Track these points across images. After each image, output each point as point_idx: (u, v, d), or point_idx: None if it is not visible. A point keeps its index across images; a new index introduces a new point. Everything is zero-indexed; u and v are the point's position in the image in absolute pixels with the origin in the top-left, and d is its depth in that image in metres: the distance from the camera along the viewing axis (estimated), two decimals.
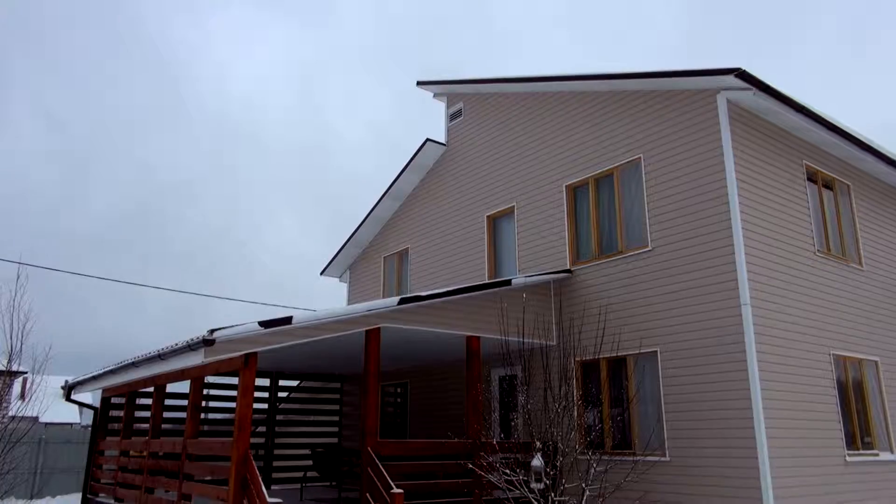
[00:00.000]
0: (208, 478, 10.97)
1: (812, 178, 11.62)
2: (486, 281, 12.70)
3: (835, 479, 9.81)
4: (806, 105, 10.45)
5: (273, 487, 15.29)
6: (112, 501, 13.68)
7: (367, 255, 18.19)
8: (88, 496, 15.42)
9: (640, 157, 11.35)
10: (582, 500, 9.36)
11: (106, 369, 12.90)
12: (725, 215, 9.85)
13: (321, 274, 19.08)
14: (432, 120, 16.70)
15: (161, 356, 9.87)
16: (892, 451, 11.24)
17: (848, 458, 10.18)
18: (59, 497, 20.72)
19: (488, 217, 14.33)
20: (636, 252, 11.07)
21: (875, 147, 11.90)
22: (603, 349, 10.58)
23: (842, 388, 10.68)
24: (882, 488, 10.65)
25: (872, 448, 10.93)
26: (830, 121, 10.92)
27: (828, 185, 12.00)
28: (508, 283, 11.35)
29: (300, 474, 15.00)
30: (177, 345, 9.31)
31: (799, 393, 9.74)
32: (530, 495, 9.37)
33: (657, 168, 11.02)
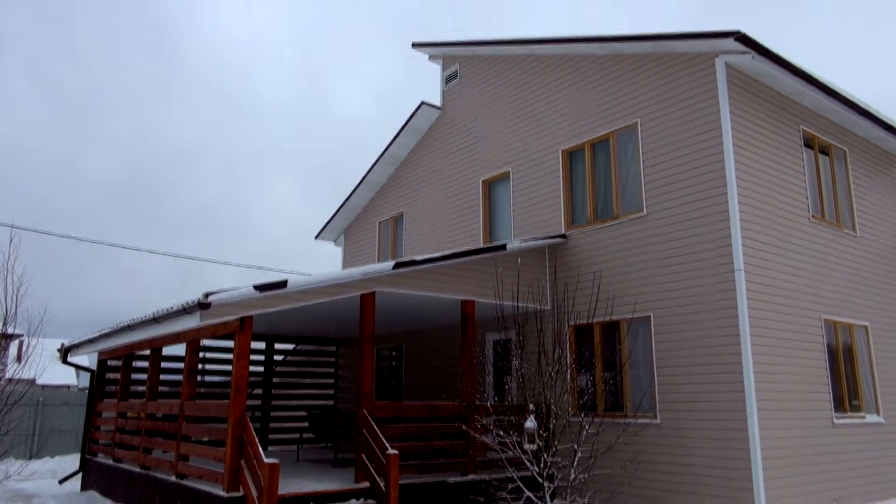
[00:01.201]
0: (205, 439, 11.11)
1: (809, 143, 11.59)
2: (481, 246, 12.72)
3: (822, 440, 10.00)
4: (805, 69, 10.36)
5: (270, 448, 15.50)
6: (111, 462, 13.87)
7: (362, 219, 18.15)
8: (87, 456, 15.62)
9: (636, 122, 11.27)
10: (574, 460, 9.53)
11: (102, 332, 12.95)
12: (721, 181, 9.84)
13: (316, 238, 19.07)
14: (432, 84, 16.48)
15: (156, 319, 9.90)
16: (878, 414, 11.44)
17: (835, 421, 10.36)
18: (57, 457, 20.99)
19: (483, 181, 14.28)
20: (631, 217, 11.07)
21: (873, 112, 11.84)
22: (597, 314, 10.66)
23: (832, 352, 10.82)
24: (867, 449, 10.87)
25: (860, 411, 11.12)
26: (829, 85, 10.85)
27: (824, 151, 11.97)
28: (503, 247, 11.36)
29: (296, 436, 15.20)
30: (172, 308, 9.33)
31: (789, 357, 9.86)
32: (523, 456, 9.53)
33: (654, 133, 10.95)
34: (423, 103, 15.69)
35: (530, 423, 9.48)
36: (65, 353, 15.69)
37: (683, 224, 10.26)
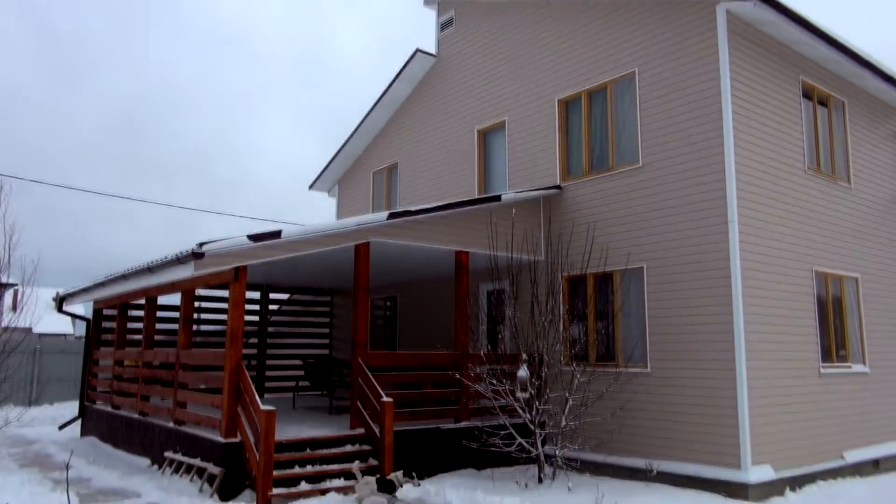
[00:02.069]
0: (202, 386, 11.26)
1: (808, 94, 11.47)
2: (476, 196, 12.67)
3: (808, 389, 10.20)
4: (807, 17, 10.18)
5: (266, 396, 15.74)
6: (109, 408, 14.08)
7: (356, 168, 18.02)
8: (86, 403, 15.84)
9: (634, 71, 11.11)
10: (565, 408, 9.72)
11: (96, 282, 12.97)
12: (718, 132, 9.76)
13: (310, 188, 18.95)
14: (430, 30, 16.07)
15: (151, 269, 9.90)
16: (864, 364, 11.65)
17: (822, 370, 10.56)
18: (56, 404, 21.28)
19: (479, 131, 14.14)
20: (627, 169, 11.01)
21: (873, 63, 11.69)
22: (590, 265, 10.71)
23: (821, 303, 10.94)
24: (852, 397, 11.11)
25: (846, 361, 11.32)
26: (831, 35, 10.67)
27: (823, 102, 11.86)
28: (498, 198, 11.33)
29: (292, 384, 15.42)
30: (166, 258, 9.33)
31: (779, 308, 9.98)
32: (516, 404, 9.71)
33: (652, 82, 10.81)
34: (417, 50, 15.40)
35: (523, 372, 9.63)
36: (60, 301, 15.75)
37: (678, 175, 10.22)
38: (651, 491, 9.17)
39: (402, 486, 8.19)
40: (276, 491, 8.48)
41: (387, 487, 8.12)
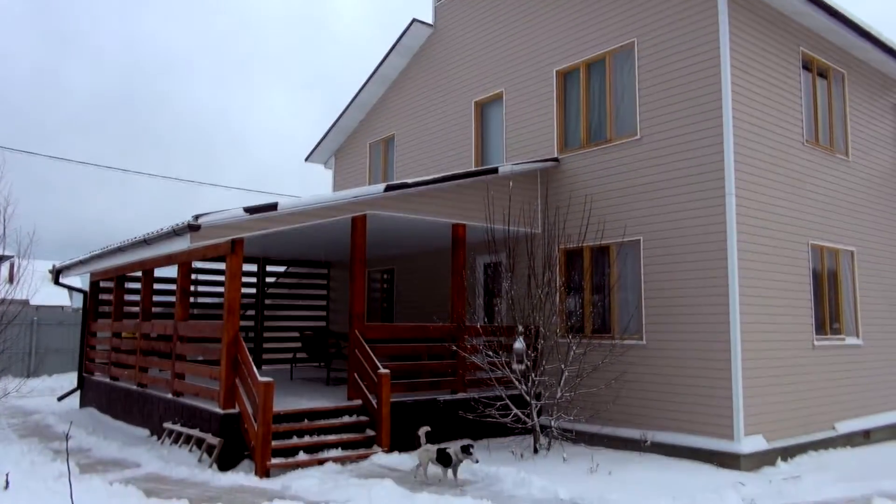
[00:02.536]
0: (200, 358, 11.32)
1: (807, 65, 11.38)
2: (473, 169, 12.62)
3: (801, 361, 10.29)
4: None
5: (264, 368, 15.83)
6: (108, 380, 14.16)
7: (353, 140, 17.90)
8: (84, 375, 15.93)
9: (633, 42, 10.99)
10: (561, 379, 9.81)
11: (93, 254, 12.95)
12: (717, 103, 9.70)
13: (306, 160, 18.84)
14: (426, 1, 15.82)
15: (147, 241, 9.88)
16: (857, 336, 11.75)
17: (816, 343, 10.64)
18: (55, 376, 21.40)
19: (476, 103, 14.03)
20: (625, 141, 10.96)
21: (874, 34, 11.59)
22: (587, 237, 10.72)
23: (816, 276, 10.99)
24: (845, 369, 11.22)
25: (840, 333, 11.41)
26: (830, 4, 10.55)
27: (822, 74, 11.77)
28: (495, 171, 11.29)
29: (290, 356, 15.51)
30: (162, 230, 9.31)
31: (775, 281, 10.02)
32: (512, 375, 9.79)
33: (651, 53, 10.70)
34: (414, 20, 15.20)
35: (519, 344, 9.70)
36: (56, 274, 15.74)
37: (676, 147, 10.18)
38: (645, 461, 9.29)
39: (459, 461, 8.01)
40: (274, 461, 8.58)
41: (443, 460, 8.03)
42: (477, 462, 7.98)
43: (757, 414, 9.29)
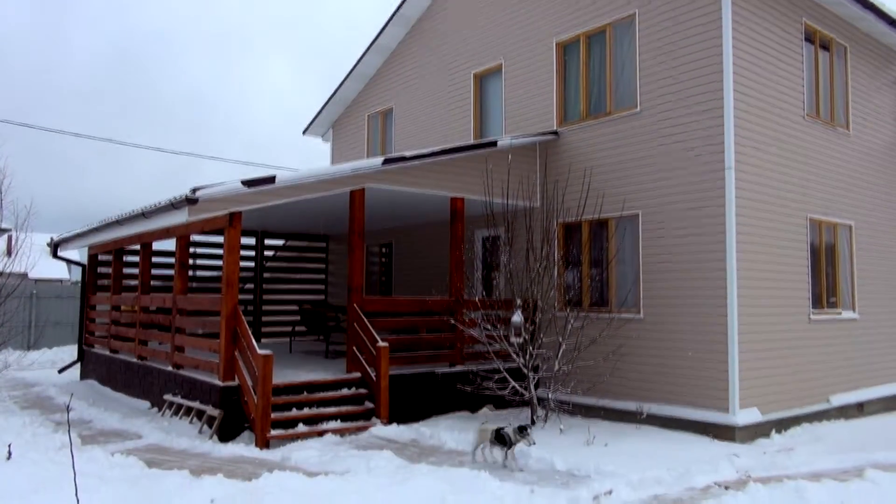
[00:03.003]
0: (199, 332, 11.36)
1: (810, 38, 11.26)
2: (472, 142, 12.55)
3: (798, 334, 10.35)
4: None
5: (263, 341, 15.92)
6: (108, 352, 14.23)
7: (351, 113, 17.76)
8: (84, 347, 16.00)
9: (634, 13, 10.86)
10: (558, 352, 9.87)
11: (91, 227, 12.93)
12: (718, 75, 9.62)
13: (304, 133, 18.71)
14: None
15: (145, 214, 9.86)
16: (853, 310, 11.80)
17: (812, 317, 10.70)
18: (55, 348, 21.49)
19: (475, 75, 13.89)
20: (625, 114, 10.89)
21: (877, 5, 11.46)
22: (586, 211, 10.70)
23: (814, 250, 11.00)
24: (840, 343, 11.30)
25: (836, 307, 11.46)
26: None
27: (825, 46, 11.66)
28: (494, 144, 11.23)
29: (289, 329, 15.57)
30: (160, 203, 9.28)
31: (773, 255, 10.03)
32: (510, 348, 9.85)
33: (652, 25, 10.58)
34: None
35: (517, 317, 9.74)
36: (54, 247, 15.73)
37: (676, 121, 10.12)
38: (640, 432, 9.40)
39: (515, 443, 7.51)
40: (274, 432, 8.66)
41: (501, 441, 7.55)
42: (533, 444, 7.57)
43: (752, 387, 9.37)
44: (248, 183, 8.91)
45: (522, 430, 7.52)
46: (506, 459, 7.56)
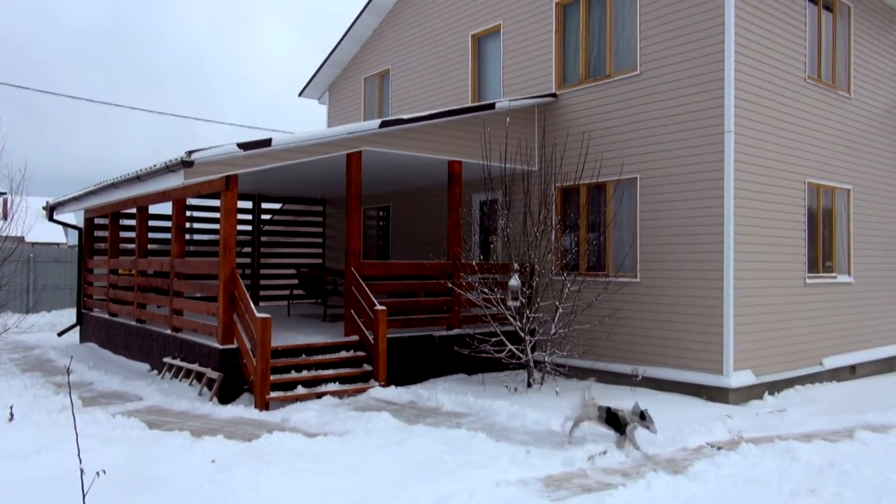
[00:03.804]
0: (198, 295, 11.39)
1: None
2: (470, 105, 12.42)
3: (793, 298, 10.42)
4: None
5: (261, 304, 15.98)
6: (107, 316, 14.29)
7: (347, 75, 17.54)
8: (83, 311, 16.06)
9: None
10: (555, 316, 9.93)
11: (87, 190, 12.86)
12: (719, 37, 9.48)
13: (300, 95, 18.49)
14: None
15: (140, 177, 9.80)
16: (849, 274, 11.86)
17: (808, 281, 10.75)
18: (54, 311, 21.57)
19: (473, 36, 13.69)
20: (624, 76, 10.76)
21: None
22: (584, 175, 10.66)
23: (811, 214, 11.00)
24: (835, 307, 11.38)
25: (832, 271, 11.51)
26: None
27: (828, 7, 11.48)
28: (492, 106, 11.12)
29: (286, 292, 15.62)
30: (156, 166, 9.22)
31: (770, 220, 10.03)
32: (506, 312, 9.91)
33: None
34: None
35: (514, 281, 9.77)
36: (50, 210, 15.66)
37: (676, 83, 10.01)
38: (636, 395, 9.51)
39: (629, 425, 6.49)
40: (273, 394, 8.76)
41: (614, 422, 6.59)
42: (655, 433, 6.55)
43: (746, 349, 9.46)
44: (244, 146, 8.84)
45: (643, 416, 6.44)
46: (624, 442, 6.49)
